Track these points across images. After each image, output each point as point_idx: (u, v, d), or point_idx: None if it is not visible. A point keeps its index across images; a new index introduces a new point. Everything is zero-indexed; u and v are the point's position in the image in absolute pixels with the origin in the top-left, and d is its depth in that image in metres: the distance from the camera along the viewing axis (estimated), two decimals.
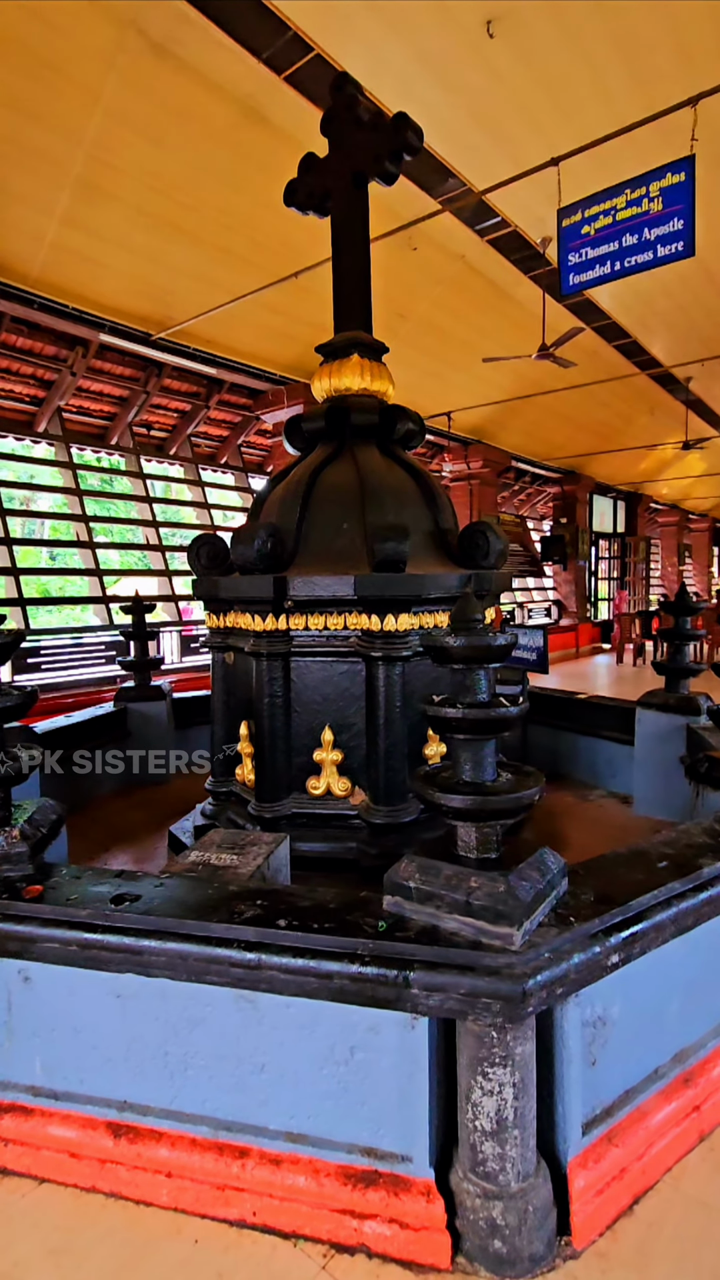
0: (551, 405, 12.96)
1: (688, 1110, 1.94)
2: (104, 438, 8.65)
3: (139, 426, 8.94)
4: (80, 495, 7.95)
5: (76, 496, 7.92)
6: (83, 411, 8.33)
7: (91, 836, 4.00)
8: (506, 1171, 1.59)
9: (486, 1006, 1.53)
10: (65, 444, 8.04)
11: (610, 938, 1.69)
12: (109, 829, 4.11)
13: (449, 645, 1.73)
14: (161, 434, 9.30)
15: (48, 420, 7.87)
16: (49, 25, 4.64)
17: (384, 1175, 1.68)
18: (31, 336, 6.96)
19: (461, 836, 1.75)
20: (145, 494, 8.80)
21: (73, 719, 4.54)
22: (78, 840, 3.95)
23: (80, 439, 8.41)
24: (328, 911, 1.75)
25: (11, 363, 7.22)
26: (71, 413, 8.22)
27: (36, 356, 7.26)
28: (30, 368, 7.37)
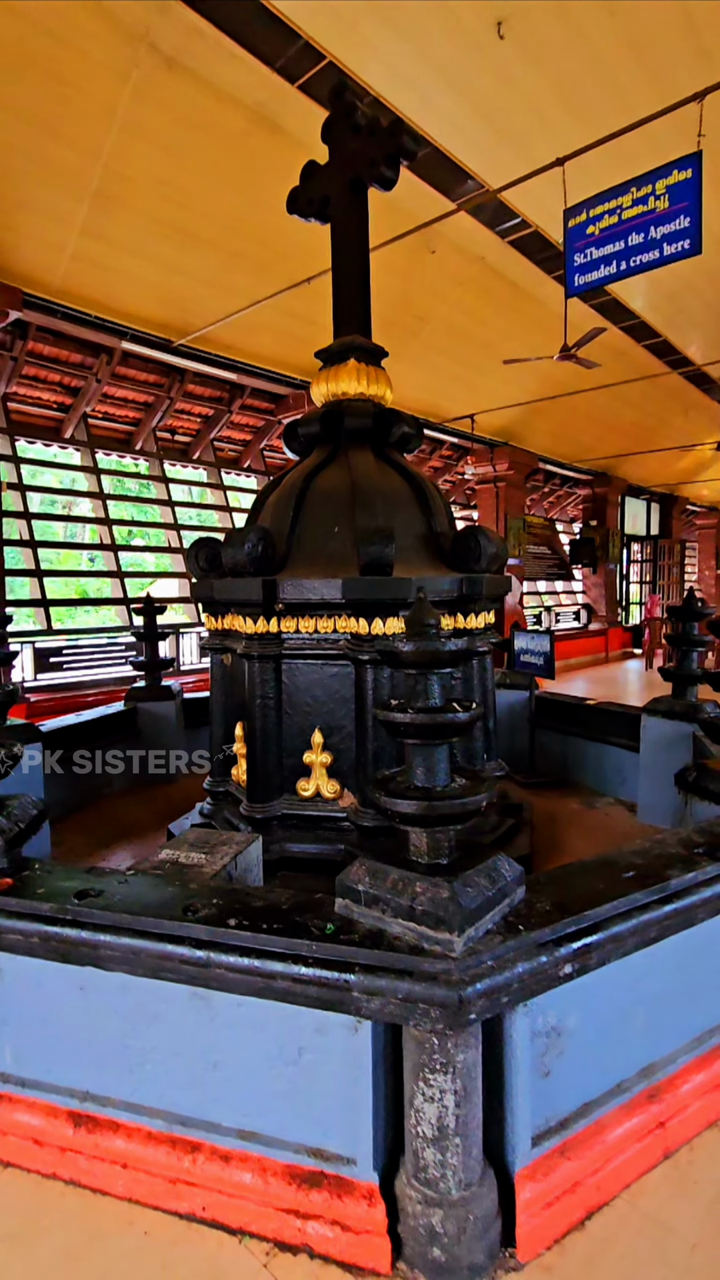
0: (580, 406, 12.77)
1: (651, 1126, 1.90)
2: (129, 443, 8.84)
3: (163, 432, 9.11)
4: (104, 499, 8.14)
5: (100, 500, 8.12)
6: (109, 417, 8.53)
7: (97, 832, 4.10)
8: (447, 1179, 1.58)
9: (425, 1012, 1.53)
10: (90, 449, 8.24)
11: (561, 948, 1.67)
12: (114, 825, 4.20)
13: (399, 650, 1.73)
14: (185, 439, 9.46)
15: (74, 426, 8.08)
16: (65, 44, 4.78)
17: (329, 1177, 1.68)
18: (57, 345, 7.17)
19: (413, 841, 1.75)
20: (168, 498, 8.96)
21: (82, 717, 4.66)
22: (83, 835, 4.06)
23: (106, 444, 8.61)
24: (279, 912, 1.77)
25: (39, 370, 7.44)
26: (97, 419, 8.42)
27: (63, 364, 7.46)
28: (57, 375, 7.59)
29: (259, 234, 6.62)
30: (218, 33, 5.06)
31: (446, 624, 3.35)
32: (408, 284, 8.50)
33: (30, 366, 7.32)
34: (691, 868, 2.01)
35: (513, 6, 4.71)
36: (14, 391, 7.51)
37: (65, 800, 4.36)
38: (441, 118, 5.90)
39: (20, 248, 5.92)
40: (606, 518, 16.78)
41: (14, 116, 5.06)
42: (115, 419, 8.58)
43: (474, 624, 3.39)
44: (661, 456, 16.16)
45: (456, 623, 3.36)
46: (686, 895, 1.93)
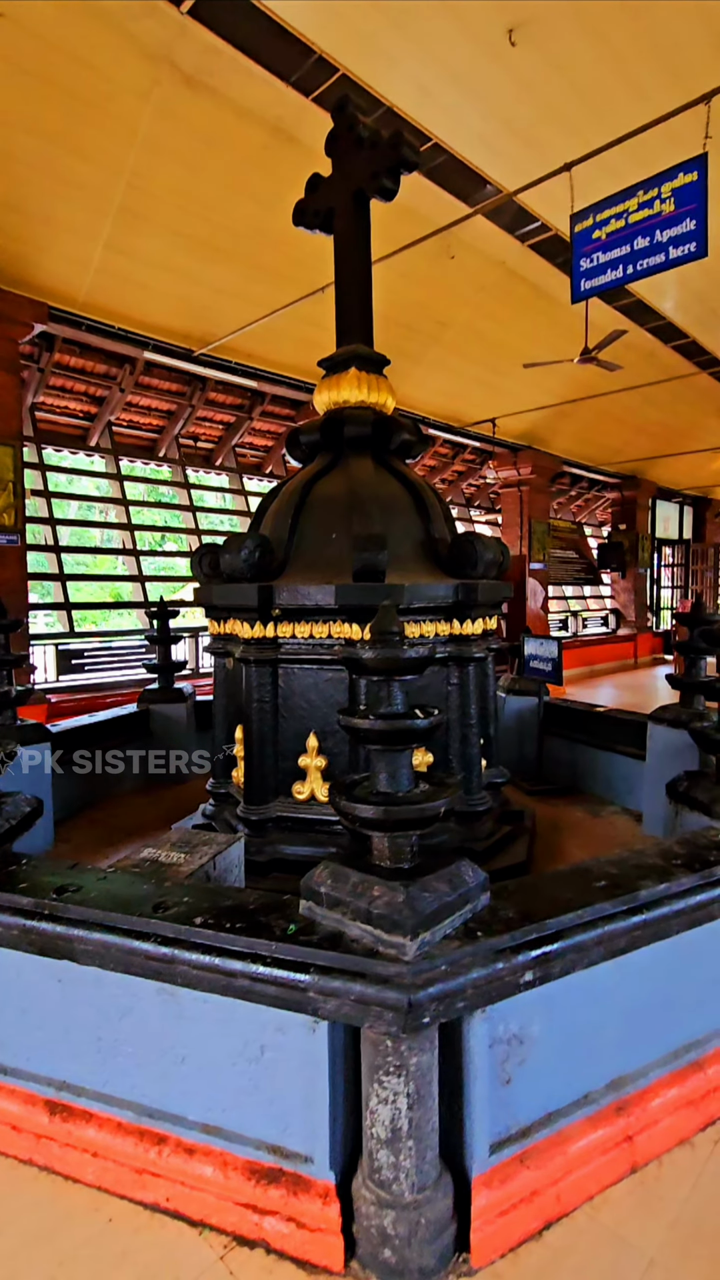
0: (606, 409, 12.61)
1: (618, 1139, 1.88)
2: (153, 450, 9.03)
3: (186, 439, 9.29)
4: (126, 505, 8.34)
5: (123, 506, 8.31)
6: (133, 425, 8.73)
7: (104, 830, 4.21)
8: (400, 1181, 1.60)
9: (379, 1014, 1.55)
10: (115, 456, 8.45)
11: (519, 955, 1.68)
12: (122, 824, 4.31)
13: (362, 657, 1.76)
14: (208, 445, 9.63)
15: (99, 434, 8.30)
16: (87, 66, 4.94)
17: (287, 1174, 1.71)
18: (83, 356, 7.38)
19: (375, 845, 1.78)
20: (190, 503, 9.13)
21: (94, 719, 4.79)
22: (90, 833, 4.17)
23: (131, 452, 8.82)
24: (245, 912, 1.80)
25: (65, 381, 7.66)
26: (122, 427, 8.63)
27: (88, 375, 7.68)
28: (83, 385, 7.80)
29: (278, 244, 6.72)
30: (235, 51, 5.17)
31: (443, 630, 3.37)
32: (428, 290, 8.52)
33: (57, 377, 7.54)
34: (666, 879, 1.99)
35: (523, 14, 4.72)
36: (42, 402, 7.74)
37: (76, 799, 4.48)
38: (457, 125, 5.93)
39: (47, 263, 6.11)
40: (636, 521, 16.50)
41: (40, 137, 5.24)
42: (140, 427, 8.77)
43: (470, 630, 3.39)
44: (693, 459, 15.82)
45: (453, 629, 3.37)
46: (657, 907, 1.92)
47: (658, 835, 3.86)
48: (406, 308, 8.76)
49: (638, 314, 10.05)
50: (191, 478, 9.42)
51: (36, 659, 6.93)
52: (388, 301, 8.56)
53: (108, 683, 7.37)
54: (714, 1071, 2.10)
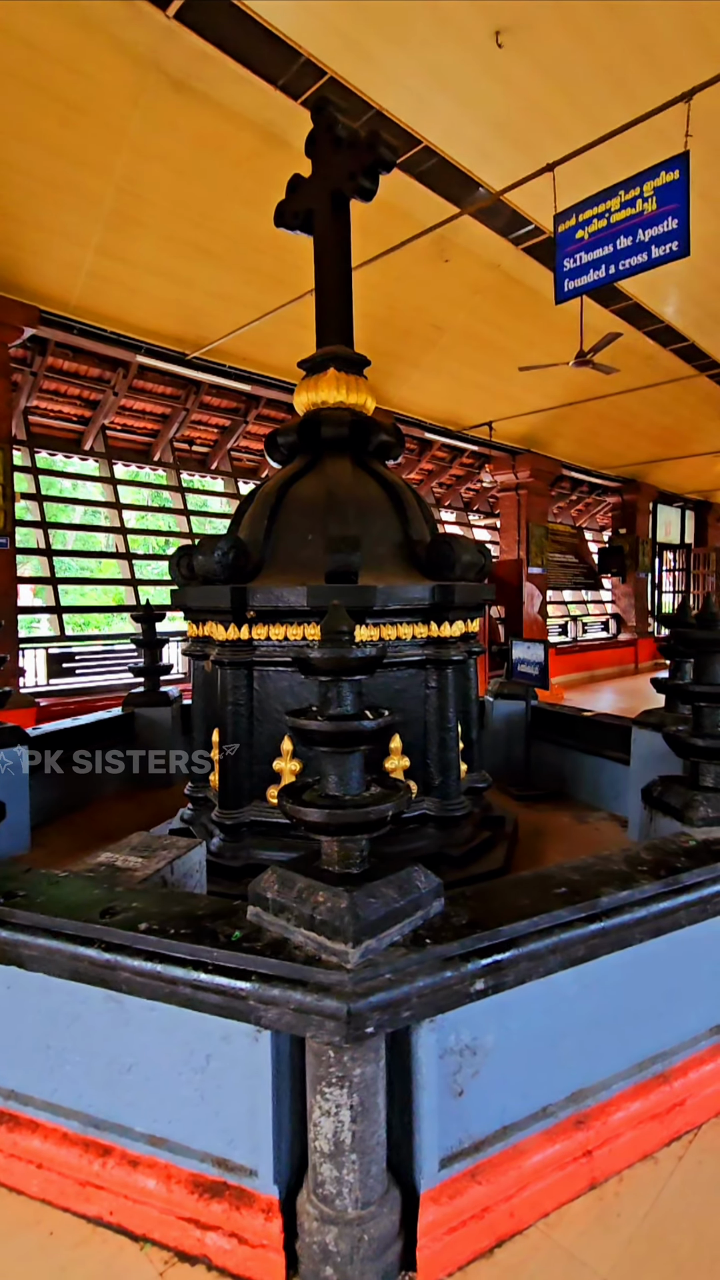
0: (605, 413, 12.58)
1: (576, 1154, 1.83)
2: (148, 454, 9.04)
3: (181, 443, 9.30)
4: (119, 509, 8.34)
5: (116, 510, 8.32)
6: (128, 429, 8.74)
7: (82, 835, 4.17)
8: (343, 1196, 1.55)
9: (320, 1024, 1.51)
10: (109, 460, 8.47)
11: (469, 963, 1.63)
12: (101, 829, 4.27)
13: (310, 657, 1.72)
14: (203, 449, 9.64)
15: (94, 438, 8.31)
16: (76, 72, 4.96)
17: (231, 1188, 1.67)
18: (76, 360, 7.40)
19: (325, 850, 1.74)
20: (184, 507, 9.13)
21: (77, 722, 4.76)
22: (67, 838, 4.14)
23: (125, 456, 8.83)
24: (193, 918, 1.77)
25: (59, 384, 7.68)
26: (116, 431, 8.65)
27: (81, 378, 7.69)
28: (76, 389, 7.82)
29: (270, 247, 6.72)
30: (222, 55, 5.18)
31: (420, 632, 3.33)
32: (424, 294, 8.52)
33: (50, 381, 7.56)
34: (629, 886, 1.95)
35: (509, 16, 4.71)
36: (35, 405, 7.76)
37: (57, 803, 4.45)
38: (447, 127, 5.92)
39: (38, 267, 6.14)
40: (636, 525, 16.44)
41: (29, 142, 5.26)
42: (134, 430, 8.79)
43: (448, 632, 3.35)
44: (695, 462, 15.76)
45: (430, 631, 3.33)
46: (618, 914, 1.87)
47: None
48: (402, 312, 8.76)
49: (635, 317, 10.02)
50: (187, 482, 9.43)
51: (27, 662, 6.92)
52: (383, 305, 8.59)
53: (99, 686, 7.35)
54: (680, 1085, 2.04)
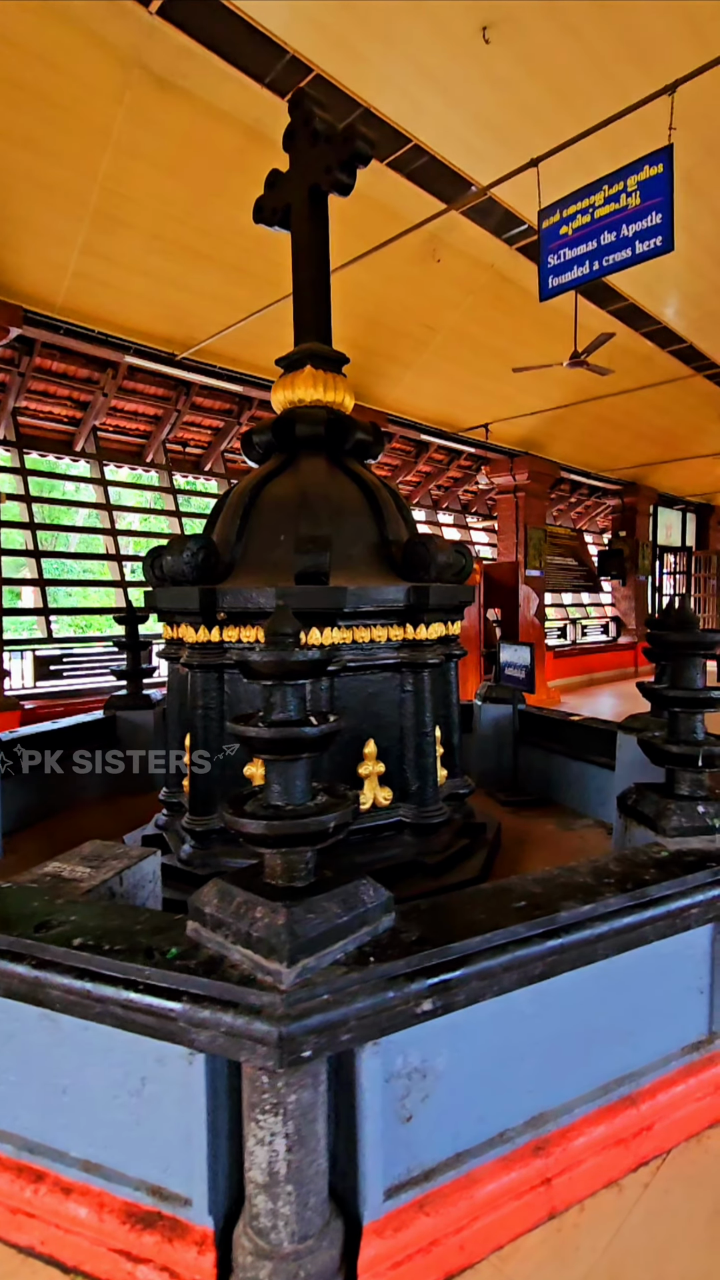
0: (605, 415, 12.50)
1: (534, 1182, 1.75)
2: (141, 455, 9.00)
3: (174, 444, 9.25)
4: (110, 510, 8.29)
5: (107, 512, 8.27)
6: (119, 431, 8.70)
7: (55, 841, 4.08)
8: (279, 1230, 1.47)
9: (253, 1048, 1.43)
10: (99, 462, 8.42)
11: (414, 982, 1.55)
12: (76, 835, 4.13)
13: (251, 660, 1.65)
14: (197, 451, 9.58)
15: (85, 440, 8.27)
16: (58, 70, 4.91)
17: (165, 1218, 1.59)
18: (64, 360, 7.35)
19: (267, 862, 1.66)
20: (176, 509, 9.08)
21: (57, 725, 4.69)
22: (39, 844, 4.06)
23: (117, 457, 8.78)
24: (131, 933, 1.69)
25: (48, 385, 7.64)
26: (108, 432, 8.60)
27: (71, 379, 7.65)
28: (66, 390, 7.78)
29: (258, 246, 6.66)
30: (207, 52, 5.13)
31: (395, 635, 3.25)
32: (416, 295, 8.46)
33: (39, 381, 7.52)
34: (592, 899, 1.86)
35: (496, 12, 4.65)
36: (25, 406, 7.72)
37: (32, 808, 4.38)
38: (435, 125, 5.86)
39: (22, 267, 6.09)
40: (636, 528, 16.33)
41: (11, 141, 5.21)
42: (126, 432, 8.74)
43: (424, 635, 3.27)
44: (695, 465, 15.65)
45: (405, 633, 3.25)
46: (579, 930, 1.78)
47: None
48: (395, 312, 8.70)
49: (632, 318, 9.94)
50: (181, 483, 9.37)
51: (13, 665, 6.86)
52: (375, 306, 8.52)
53: (87, 689, 7.29)
54: (648, 1108, 1.95)
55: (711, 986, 2.16)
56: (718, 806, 2.31)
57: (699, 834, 2.24)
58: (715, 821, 2.25)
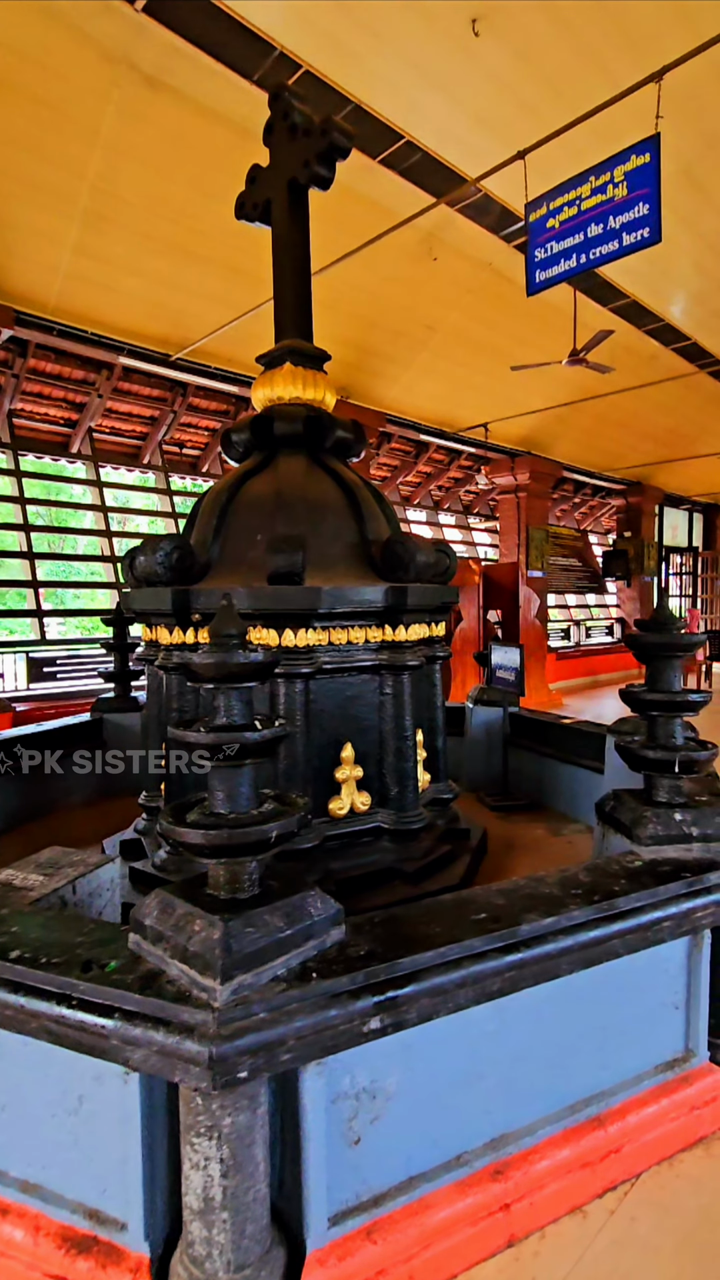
0: (608, 414, 12.39)
1: (492, 1208, 1.67)
2: (137, 457, 8.97)
3: (171, 445, 9.22)
4: (105, 512, 8.27)
5: (102, 514, 8.25)
6: (115, 432, 8.68)
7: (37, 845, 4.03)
8: (214, 1259, 1.41)
9: (186, 1069, 1.37)
10: (95, 463, 8.40)
11: (359, 1000, 1.48)
12: (62, 838, 4.12)
13: (192, 663, 1.59)
14: (195, 452, 9.55)
15: (80, 441, 8.25)
16: (45, 69, 4.89)
17: (101, 1243, 1.53)
18: (59, 362, 7.34)
19: (211, 872, 1.60)
20: (172, 510, 9.05)
21: (41, 727, 4.66)
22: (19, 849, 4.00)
23: (114, 459, 8.76)
24: (71, 946, 1.63)
25: (43, 387, 7.63)
26: (104, 434, 8.58)
27: (65, 381, 7.63)
28: (61, 391, 7.76)
29: (251, 245, 6.59)
30: (195, 50, 5.09)
31: (374, 636, 3.18)
32: (413, 294, 8.39)
33: (33, 383, 7.51)
34: (556, 912, 1.79)
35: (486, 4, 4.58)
36: (20, 408, 7.71)
37: (18, 811, 4.34)
38: (427, 120, 5.80)
39: (13, 268, 6.07)
40: (642, 528, 16.18)
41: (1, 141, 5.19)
42: (122, 433, 8.72)
43: (403, 636, 3.20)
44: (701, 464, 15.49)
45: (385, 635, 3.18)
46: (540, 944, 1.71)
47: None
48: (392, 312, 8.64)
49: (635, 316, 9.83)
50: (179, 485, 9.35)
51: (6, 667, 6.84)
52: (372, 306, 8.46)
53: (80, 691, 7.26)
54: (616, 1129, 1.87)
55: (688, 1002, 2.08)
56: (697, 814, 2.22)
57: (675, 843, 2.16)
58: (693, 830, 2.17)
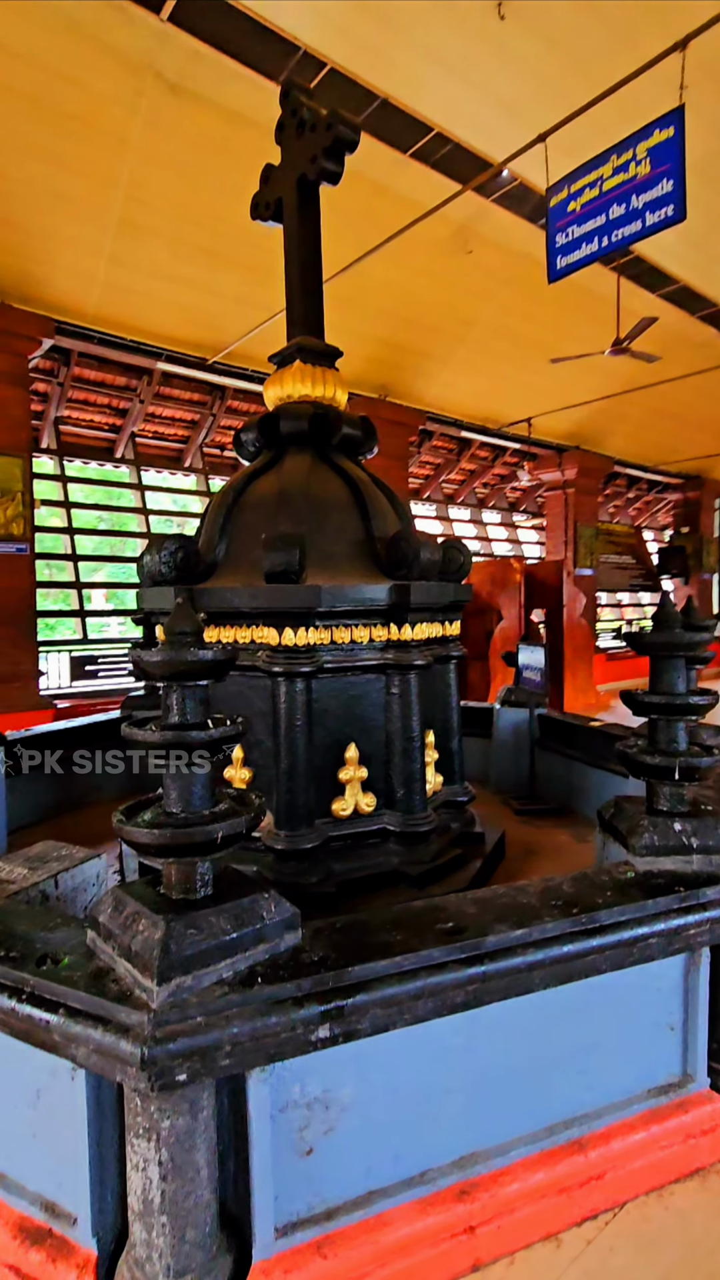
0: (660, 406, 11.93)
1: (456, 1229, 1.60)
2: (179, 460, 9.16)
3: (212, 448, 9.38)
4: (146, 515, 8.48)
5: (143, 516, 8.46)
6: (158, 437, 8.88)
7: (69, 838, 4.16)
8: (154, 1262, 1.39)
9: (124, 1069, 1.36)
10: (137, 467, 8.62)
11: (304, 1008, 1.44)
12: (84, 833, 4.25)
13: (143, 660, 1.58)
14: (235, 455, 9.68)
15: (124, 446, 8.49)
16: (72, 82, 5.03)
17: (54, 1236, 1.54)
18: (101, 369, 7.56)
19: (164, 872, 1.59)
20: None
21: (70, 724, 4.80)
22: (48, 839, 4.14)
23: (156, 462, 8.97)
24: (33, 940, 1.65)
25: (87, 394, 7.88)
26: (147, 438, 8.80)
27: (108, 388, 7.86)
28: (104, 398, 8.00)
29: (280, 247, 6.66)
30: (218, 54, 5.16)
31: (379, 635, 3.13)
32: (449, 289, 8.28)
33: (78, 391, 7.76)
34: (527, 923, 1.70)
35: None
36: (66, 415, 7.99)
37: (50, 805, 4.49)
38: (454, 109, 5.71)
39: (52, 279, 6.29)
40: (700, 524, 15.51)
41: (33, 156, 5.38)
42: (165, 437, 8.92)
43: (409, 635, 3.13)
44: None
45: (390, 634, 3.13)
46: (507, 956, 1.63)
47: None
48: (428, 308, 8.54)
49: (686, 301, 9.46)
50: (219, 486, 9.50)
51: (49, 665, 7.10)
52: (407, 303, 8.39)
53: (121, 689, 7.46)
54: (598, 1155, 1.77)
55: (685, 1023, 1.95)
56: (699, 824, 2.09)
57: (672, 854, 2.03)
58: (692, 841, 2.04)
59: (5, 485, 6.15)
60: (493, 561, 11.07)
